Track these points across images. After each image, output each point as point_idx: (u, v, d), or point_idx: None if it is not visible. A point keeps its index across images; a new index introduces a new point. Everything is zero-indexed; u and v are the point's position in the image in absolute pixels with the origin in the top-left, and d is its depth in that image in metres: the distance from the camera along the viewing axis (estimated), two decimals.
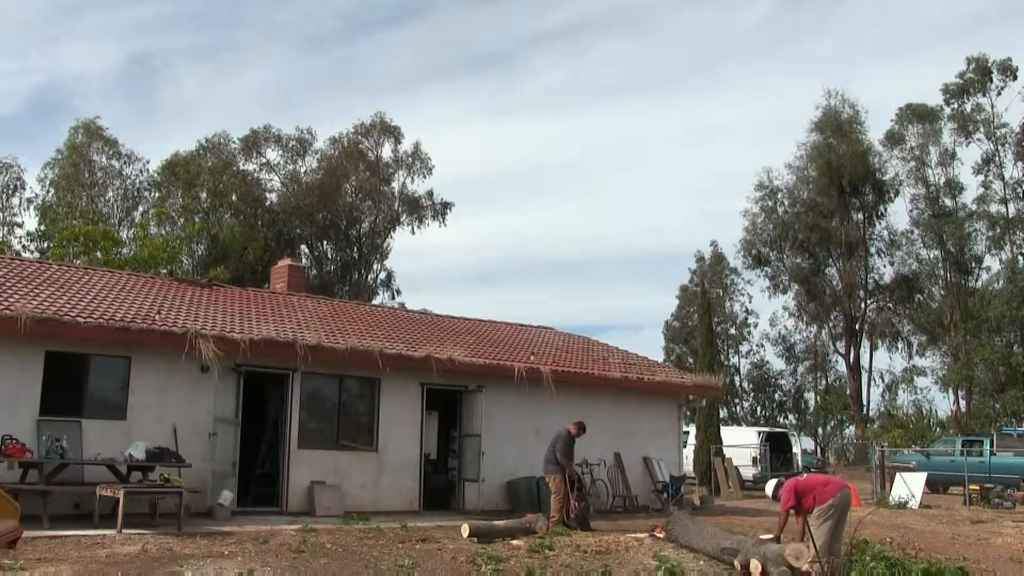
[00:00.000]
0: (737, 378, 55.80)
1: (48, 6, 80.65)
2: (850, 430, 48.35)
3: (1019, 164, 41.99)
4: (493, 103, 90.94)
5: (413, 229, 46.51)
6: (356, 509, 14.00)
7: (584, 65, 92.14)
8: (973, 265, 43.61)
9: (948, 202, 44.07)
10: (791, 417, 54.71)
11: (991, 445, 24.41)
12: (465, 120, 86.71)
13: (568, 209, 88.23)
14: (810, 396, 54.76)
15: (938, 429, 34.21)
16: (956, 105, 42.78)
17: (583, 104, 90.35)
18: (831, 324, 48.34)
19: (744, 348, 57.03)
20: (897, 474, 21.79)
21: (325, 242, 46.80)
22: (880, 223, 46.89)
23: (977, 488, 21.37)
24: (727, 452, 25.47)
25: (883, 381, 48.51)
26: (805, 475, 10.18)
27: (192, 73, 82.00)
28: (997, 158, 42.17)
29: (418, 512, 15.06)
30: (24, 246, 34.54)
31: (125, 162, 42.66)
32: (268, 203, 45.60)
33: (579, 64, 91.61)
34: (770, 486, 10.28)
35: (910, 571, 9.60)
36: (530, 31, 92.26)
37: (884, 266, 47.43)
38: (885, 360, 77.23)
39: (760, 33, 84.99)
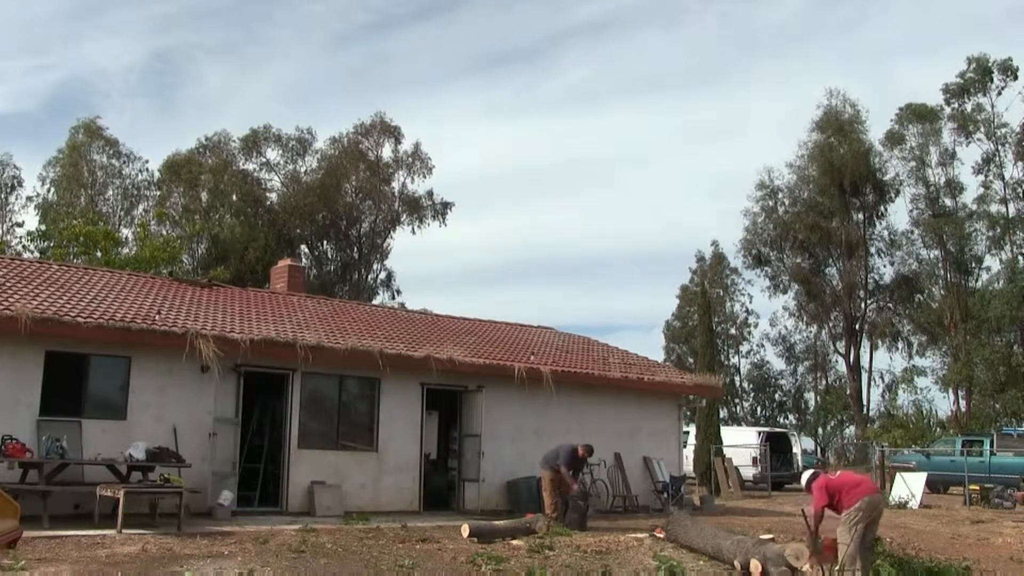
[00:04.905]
0: (737, 378, 55.75)
1: (71, 1, 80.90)
2: (850, 430, 48.32)
3: (1019, 164, 41.94)
4: (500, 102, 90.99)
5: (413, 229, 46.54)
6: (356, 509, 14.00)
7: (602, 63, 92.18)
8: (973, 265, 43.53)
9: (948, 202, 44.00)
10: (791, 417, 54.67)
11: (991, 445, 24.40)
12: (471, 120, 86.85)
13: (574, 208, 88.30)
14: (810, 396, 54.76)
15: (938, 429, 34.20)
16: (956, 105, 42.73)
17: (594, 103, 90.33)
18: (831, 324, 48.26)
19: (744, 348, 57.00)
20: (897, 474, 21.79)
21: (325, 242, 46.76)
22: (880, 223, 46.81)
23: (977, 488, 21.36)
24: (727, 452, 25.47)
25: (883, 381, 48.49)
26: (838, 473, 9.76)
27: (216, 70, 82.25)
28: (997, 158, 42.09)
29: (418, 512, 15.06)
30: (24, 246, 34.56)
31: (125, 162, 42.78)
32: (268, 203, 45.58)
33: (598, 62, 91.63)
34: (805, 476, 9.86)
35: (916, 571, 9.59)
36: (551, 29, 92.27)
37: (884, 266, 47.38)
38: (885, 360, 77.25)
39: (788, 30, 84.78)
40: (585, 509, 13.55)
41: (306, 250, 45.83)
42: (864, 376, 47.03)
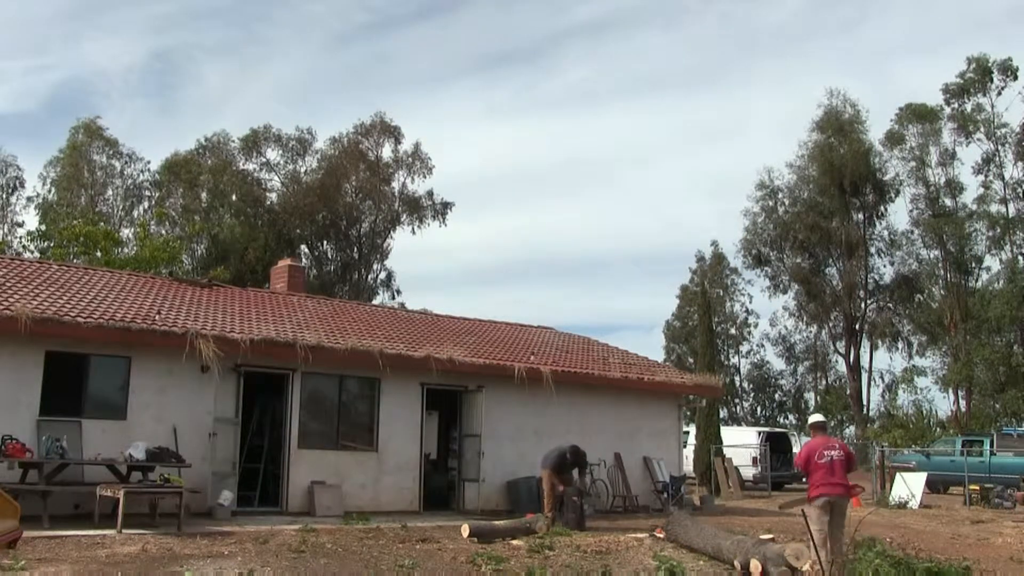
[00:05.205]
0: (737, 378, 55.76)
1: (71, 1, 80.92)
2: (850, 430, 48.30)
3: (1019, 164, 41.98)
4: (500, 102, 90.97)
5: (413, 229, 46.56)
6: (356, 509, 14.01)
7: (602, 64, 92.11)
8: (973, 265, 43.56)
9: (948, 202, 44.03)
10: (791, 417, 54.65)
11: (991, 445, 24.40)
12: (471, 120, 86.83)
13: (574, 208, 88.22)
14: (810, 396, 54.75)
15: (938, 429, 34.17)
16: (956, 105, 42.75)
17: (594, 103, 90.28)
18: (831, 324, 48.30)
19: (744, 348, 57.03)
20: (897, 474, 21.78)
21: (325, 242, 46.79)
22: (880, 223, 46.88)
23: (977, 488, 21.36)
24: (727, 452, 25.46)
25: (883, 381, 48.51)
26: (827, 458, 9.42)
27: (216, 70, 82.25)
28: (997, 158, 42.13)
29: (418, 512, 15.06)
30: (24, 246, 34.57)
31: (126, 162, 42.83)
32: (268, 203, 45.60)
33: (598, 62, 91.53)
34: (816, 418, 10.30)
35: (915, 570, 9.58)
36: (551, 29, 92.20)
37: (884, 266, 47.43)
38: (885, 360, 77.25)
39: (788, 30, 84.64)
40: (582, 508, 13.52)
41: (306, 250, 45.87)
42: (864, 376, 47.12)
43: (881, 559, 9.70)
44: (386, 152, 46.56)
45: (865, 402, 46.22)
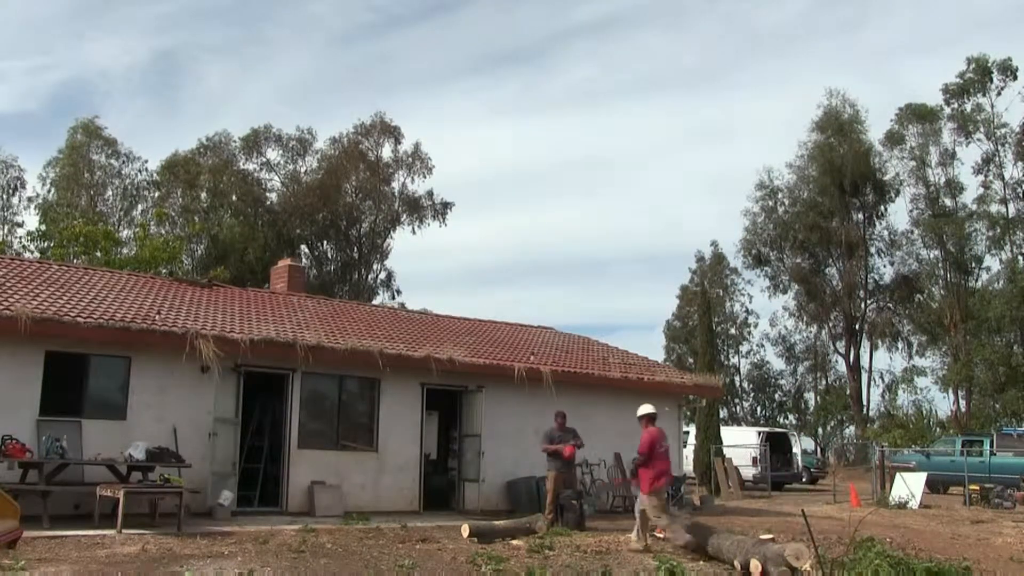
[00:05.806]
0: (737, 378, 55.72)
1: (73, 1, 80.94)
2: (850, 430, 48.34)
3: (1019, 164, 41.97)
4: (501, 102, 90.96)
5: (413, 229, 46.55)
6: (356, 509, 14.01)
7: (603, 64, 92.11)
8: (973, 265, 43.55)
9: (948, 202, 44.02)
10: (791, 417, 54.64)
11: (991, 445, 24.41)
12: (472, 120, 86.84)
13: (574, 208, 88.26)
14: (810, 396, 54.74)
15: (938, 429, 34.17)
16: (956, 105, 42.72)
17: (595, 103, 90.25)
18: (831, 324, 48.28)
19: (744, 348, 56.99)
20: (897, 474, 21.77)
21: (325, 242, 46.78)
22: (880, 223, 46.88)
23: (977, 488, 21.36)
24: (727, 452, 25.46)
25: (883, 381, 48.49)
26: (663, 448, 11.02)
27: (217, 70, 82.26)
28: (997, 158, 42.12)
29: (418, 512, 15.07)
30: (24, 246, 34.56)
31: (124, 161, 42.77)
32: (268, 203, 45.60)
33: (599, 62, 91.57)
34: (648, 409, 11.48)
35: (915, 571, 9.57)
36: (552, 29, 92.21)
37: (884, 266, 47.43)
38: (885, 360, 77.21)
39: (788, 30, 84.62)
40: (582, 508, 13.48)
41: (306, 250, 45.87)
42: (864, 376, 47.10)
43: (881, 559, 9.67)
44: (386, 152, 46.63)
45: (865, 402, 46.23)
